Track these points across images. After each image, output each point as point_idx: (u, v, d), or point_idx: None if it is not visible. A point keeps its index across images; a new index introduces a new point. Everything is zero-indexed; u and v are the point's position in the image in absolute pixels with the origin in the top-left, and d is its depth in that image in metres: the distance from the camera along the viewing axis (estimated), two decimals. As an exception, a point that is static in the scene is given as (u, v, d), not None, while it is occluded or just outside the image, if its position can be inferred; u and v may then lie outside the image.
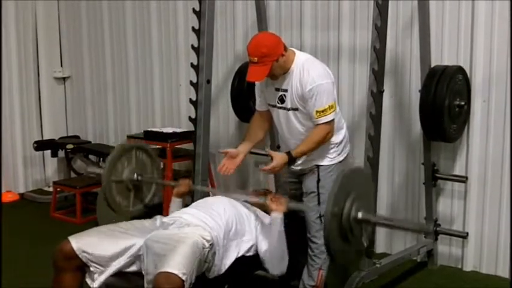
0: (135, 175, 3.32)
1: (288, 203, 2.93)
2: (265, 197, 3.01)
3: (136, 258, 2.67)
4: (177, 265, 2.43)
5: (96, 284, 2.64)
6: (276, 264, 2.92)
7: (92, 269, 2.63)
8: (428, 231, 2.40)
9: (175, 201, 3.22)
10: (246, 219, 2.98)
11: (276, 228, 2.87)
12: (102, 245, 2.64)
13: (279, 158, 3.04)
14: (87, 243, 2.63)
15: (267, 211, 3.09)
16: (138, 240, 2.68)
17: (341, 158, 3.19)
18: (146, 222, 2.87)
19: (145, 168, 3.43)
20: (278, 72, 3.03)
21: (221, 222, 2.83)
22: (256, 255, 2.97)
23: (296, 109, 3.07)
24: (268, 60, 2.94)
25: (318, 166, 3.14)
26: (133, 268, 2.68)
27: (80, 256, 2.60)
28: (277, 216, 2.87)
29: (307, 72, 2.99)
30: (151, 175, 3.47)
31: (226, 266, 2.81)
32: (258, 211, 3.08)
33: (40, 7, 5.92)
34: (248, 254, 2.94)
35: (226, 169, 3.19)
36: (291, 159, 3.04)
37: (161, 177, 3.65)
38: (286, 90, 3.08)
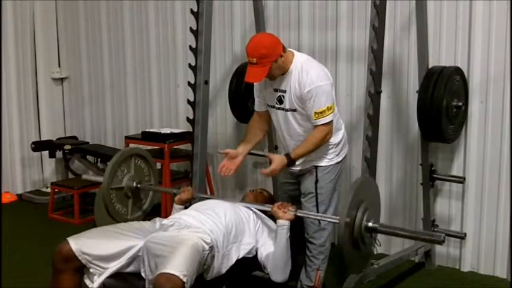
0: (134, 183, 3.33)
1: (295, 211, 2.92)
2: (271, 205, 3.00)
3: (136, 259, 2.66)
4: (178, 266, 2.43)
5: (96, 285, 2.63)
6: (280, 271, 2.92)
7: (91, 270, 2.62)
8: (439, 241, 2.42)
9: (177, 209, 3.21)
10: (247, 223, 2.98)
11: (283, 236, 2.87)
12: (102, 246, 2.63)
13: (278, 160, 3.04)
14: (87, 244, 2.62)
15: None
16: (138, 241, 2.68)
17: (339, 159, 3.20)
18: (145, 224, 2.87)
19: (143, 175, 3.44)
20: (277, 73, 3.04)
21: (221, 226, 2.83)
22: (256, 257, 2.97)
23: (294, 110, 3.07)
24: (267, 61, 2.95)
25: (316, 167, 3.15)
26: (131, 268, 2.68)
27: (80, 258, 2.59)
28: (284, 223, 2.87)
29: (306, 73, 3.00)
30: (149, 181, 3.48)
31: (226, 269, 2.81)
32: (259, 213, 3.07)
33: (38, 7, 5.90)
34: (248, 256, 2.93)
35: (226, 169, 3.19)
36: (290, 161, 3.05)
37: (158, 182, 3.65)
38: (284, 91, 3.09)
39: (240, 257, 2.88)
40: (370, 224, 2.45)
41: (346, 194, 2.43)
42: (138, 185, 3.34)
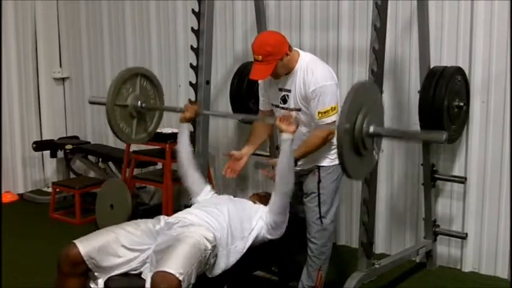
0: (139, 102, 3.24)
1: (297, 123, 2.87)
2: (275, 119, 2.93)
3: (143, 265, 2.66)
4: (175, 265, 2.42)
5: (99, 286, 2.62)
6: (284, 183, 2.88)
7: (96, 274, 2.61)
8: (440, 140, 2.34)
9: (183, 127, 3.19)
10: (249, 217, 2.97)
11: (286, 149, 2.83)
12: (111, 253, 2.60)
13: None
14: (95, 249, 2.58)
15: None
16: (146, 249, 2.67)
17: (341, 159, 3.19)
18: (150, 223, 2.85)
19: (149, 97, 3.35)
20: (282, 71, 3.03)
21: (225, 223, 2.82)
22: (257, 247, 2.96)
23: (299, 110, 3.06)
24: (272, 59, 2.94)
25: (318, 167, 3.14)
26: (135, 272, 2.67)
27: (88, 262, 2.56)
28: (288, 137, 2.83)
29: (311, 72, 2.99)
30: (155, 104, 3.40)
31: (229, 266, 2.80)
32: (262, 207, 3.06)
33: (39, 7, 5.91)
34: (256, 243, 2.93)
35: (231, 171, 3.19)
36: None
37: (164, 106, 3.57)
38: (289, 91, 3.08)
39: (244, 252, 2.87)
40: (371, 129, 2.39)
41: (345, 99, 2.35)
42: (143, 104, 3.25)
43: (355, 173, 2.47)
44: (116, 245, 2.64)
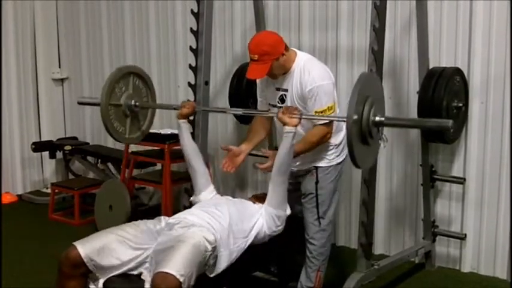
0: (133, 101, 3.28)
1: (300, 115, 2.85)
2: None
3: (142, 265, 2.66)
4: (176, 266, 2.42)
5: (98, 286, 2.62)
6: (282, 171, 2.89)
7: (97, 274, 2.60)
8: (447, 127, 2.45)
9: (181, 124, 3.20)
10: (250, 216, 2.97)
11: (288, 142, 2.83)
12: (110, 254, 2.60)
13: (274, 156, 3.01)
14: (95, 251, 2.58)
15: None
16: (146, 248, 2.66)
17: (340, 160, 3.19)
18: (151, 224, 2.84)
19: (141, 95, 3.39)
20: (278, 71, 3.04)
21: (225, 224, 2.82)
22: (256, 247, 2.96)
23: (296, 109, 3.06)
24: (268, 59, 2.95)
25: (316, 168, 3.14)
26: (134, 272, 2.67)
27: (88, 264, 2.56)
28: (291, 130, 2.82)
29: (308, 72, 2.99)
30: (147, 102, 3.43)
31: (231, 262, 2.79)
32: (263, 206, 3.06)
33: (38, 8, 5.91)
34: (257, 242, 2.94)
35: (229, 166, 3.19)
36: None
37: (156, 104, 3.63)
38: (286, 90, 3.09)
39: (249, 244, 2.87)
40: (377, 118, 2.48)
41: (352, 90, 2.46)
42: (137, 103, 3.28)
43: (362, 162, 2.55)
44: (115, 246, 2.63)
